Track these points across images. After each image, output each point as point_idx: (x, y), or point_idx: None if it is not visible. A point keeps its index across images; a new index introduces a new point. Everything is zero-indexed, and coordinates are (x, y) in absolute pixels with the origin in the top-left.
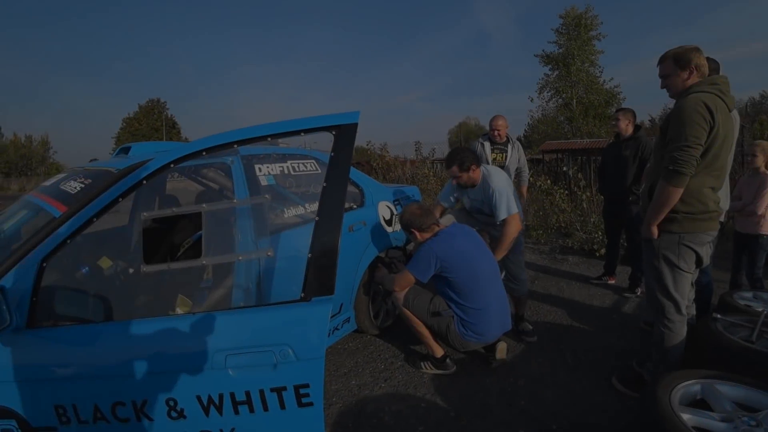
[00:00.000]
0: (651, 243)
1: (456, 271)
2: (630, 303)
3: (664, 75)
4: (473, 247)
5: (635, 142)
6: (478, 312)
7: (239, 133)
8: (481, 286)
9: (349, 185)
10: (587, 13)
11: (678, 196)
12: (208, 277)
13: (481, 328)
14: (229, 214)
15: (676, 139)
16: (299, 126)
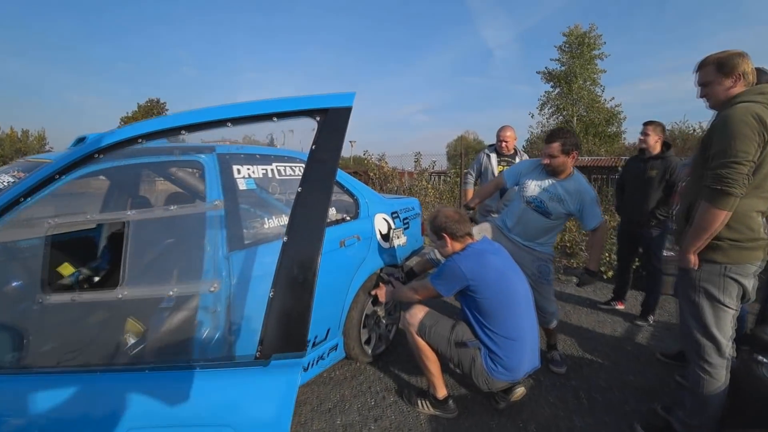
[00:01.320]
0: (689, 274)
1: (487, 291)
2: (643, 332)
3: (705, 83)
4: (507, 267)
5: (664, 162)
6: (512, 343)
7: (187, 116)
8: (516, 312)
9: (342, 194)
10: (591, 32)
11: (723, 221)
12: (171, 294)
13: (513, 363)
14: (164, 226)
15: (722, 154)
16: (270, 108)
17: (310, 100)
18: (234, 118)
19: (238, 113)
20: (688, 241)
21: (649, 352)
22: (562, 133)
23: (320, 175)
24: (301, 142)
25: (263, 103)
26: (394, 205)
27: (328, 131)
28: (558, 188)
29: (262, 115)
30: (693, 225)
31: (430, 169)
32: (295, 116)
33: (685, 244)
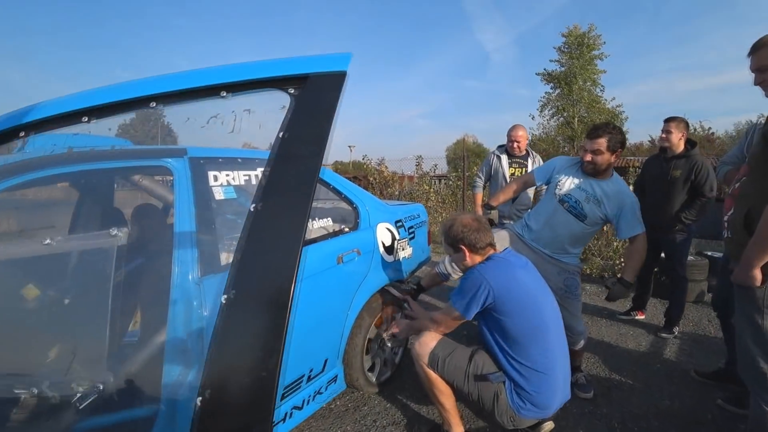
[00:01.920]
0: (752, 293)
1: (515, 311)
2: (670, 346)
3: (763, 67)
4: (536, 285)
5: (688, 161)
6: (542, 377)
7: (93, 95)
8: (547, 338)
9: (340, 202)
10: (590, 33)
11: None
12: (135, 327)
13: (544, 399)
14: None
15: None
16: (218, 78)
17: (282, 64)
18: (161, 96)
19: (167, 87)
20: (752, 253)
21: (681, 370)
22: (608, 128)
23: (294, 183)
24: (262, 128)
25: (209, 72)
26: (398, 212)
27: (309, 110)
28: (596, 188)
29: (205, 88)
30: (758, 234)
31: (431, 172)
32: (258, 89)
33: (747, 258)
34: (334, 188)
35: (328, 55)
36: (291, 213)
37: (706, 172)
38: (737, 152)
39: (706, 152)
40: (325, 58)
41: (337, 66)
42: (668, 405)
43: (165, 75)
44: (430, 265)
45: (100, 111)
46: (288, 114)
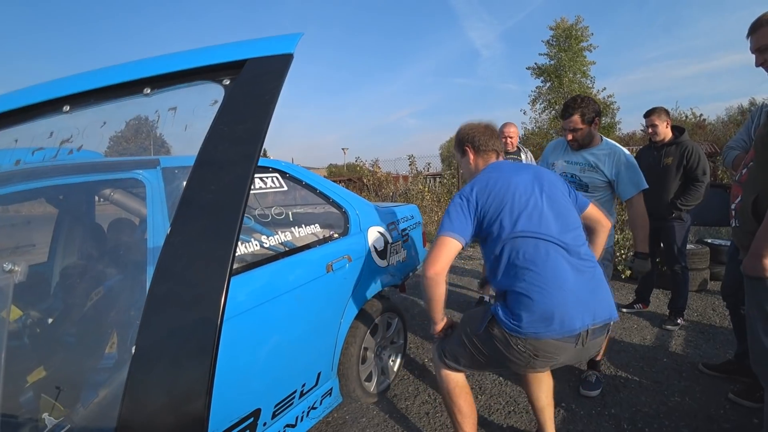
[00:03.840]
0: (761, 283)
1: (500, 209)
2: (675, 339)
3: (763, 47)
4: (532, 177)
5: (678, 147)
6: (535, 274)
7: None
8: (544, 230)
9: (328, 206)
10: (577, 25)
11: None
12: (112, 350)
13: (543, 300)
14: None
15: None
16: (139, 72)
17: (215, 51)
18: (76, 96)
19: (83, 86)
20: (761, 243)
21: (689, 363)
22: (578, 103)
23: (218, 197)
24: (188, 129)
25: (129, 67)
26: (390, 214)
27: (242, 103)
28: (589, 157)
29: (125, 84)
30: (766, 221)
31: (425, 171)
32: (187, 82)
33: (757, 247)
34: (322, 192)
35: (270, 37)
36: (214, 238)
37: (698, 157)
38: (744, 135)
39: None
40: (267, 40)
41: (281, 48)
42: (678, 402)
43: (77, 74)
44: None
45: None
46: (218, 110)
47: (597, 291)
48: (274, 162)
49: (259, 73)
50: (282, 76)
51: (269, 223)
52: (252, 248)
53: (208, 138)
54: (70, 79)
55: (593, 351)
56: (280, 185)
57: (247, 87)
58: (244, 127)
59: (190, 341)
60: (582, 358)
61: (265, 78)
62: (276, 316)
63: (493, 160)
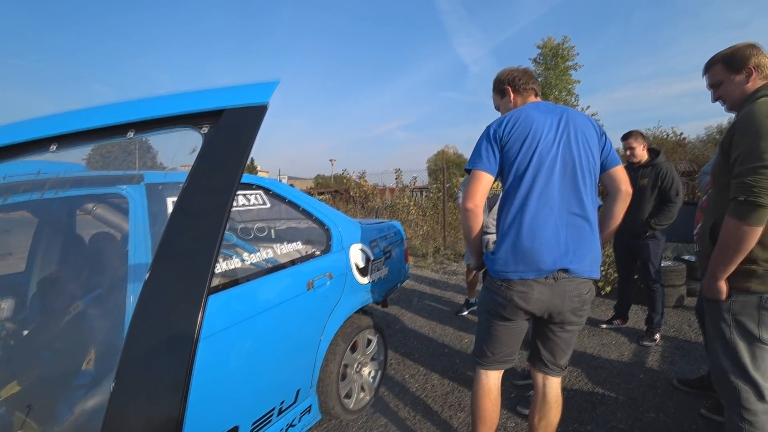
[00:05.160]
0: (719, 306)
1: (516, 145)
2: (652, 354)
3: (715, 83)
4: (569, 128)
5: (654, 169)
6: (516, 217)
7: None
8: (539, 178)
9: (311, 223)
10: (564, 44)
11: (754, 239)
12: (89, 366)
13: (521, 234)
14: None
15: (747, 158)
16: (123, 116)
17: (195, 98)
18: (64, 136)
19: (71, 126)
20: (714, 266)
21: (665, 379)
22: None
23: (191, 246)
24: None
25: (113, 108)
26: (373, 231)
27: (220, 153)
28: None
29: (108, 128)
30: (718, 245)
31: (411, 185)
32: (167, 127)
33: (711, 271)
34: (305, 210)
35: (248, 85)
36: (188, 281)
37: (672, 178)
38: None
39: (679, 157)
40: (245, 89)
41: (257, 98)
42: (653, 418)
43: (65, 113)
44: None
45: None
46: (196, 159)
47: (579, 247)
48: (258, 179)
49: (235, 123)
50: (256, 128)
51: (252, 240)
52: (233, 265)
53: (186, 188)
54: (57, 117)
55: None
56: (263, 202)
57: (224, 137)
58: (220, 177)
59: (164, 378)
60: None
61: (241, 129)
62: (255, 334)
63: (531, 100)
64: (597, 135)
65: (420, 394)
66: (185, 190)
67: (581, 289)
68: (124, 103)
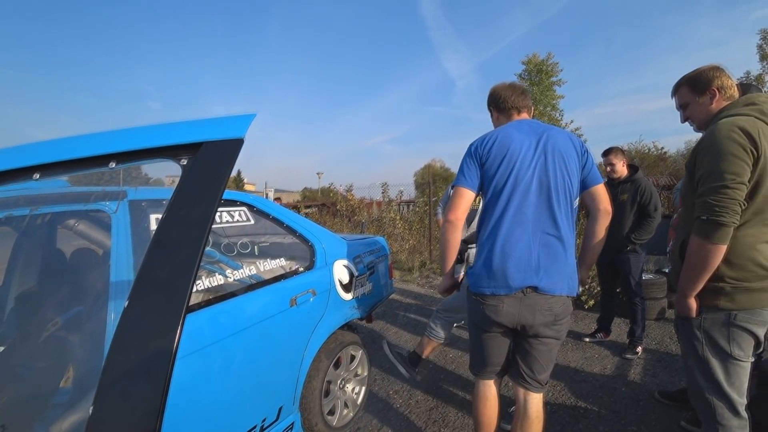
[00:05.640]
0: (688, 322)
1: (494, 164)
2: (634, 367)
3: (682, 105)
4: (548, 148)
5: (633, 185)
6: (491, 234)
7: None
8: (514, 197)
9: (295, 239)
10: (548, 60)
11: (719, 257)
12: (67, 384)
13: (494, 253)
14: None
15: (709, 178)
16: (105, 147)
17: (175, 130)
18: (47, 165)
19: (54, 156)
20: (683, 284)
21: (647, 392)
22: None
23: (167, 279)
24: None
25: (95, 138)
26: (357, 247)
27: (197, 186)
28: None
29: (89, 159)
30: (685, 264)
31: (398, 199)
32: (148, 158)
33: (680, 288)
34: (288, 226)
35: (225, 118)
36: (164, 312)
37: (650, 194)
38: None
39: (660, 171)
40: (223, 121)
41: (234, 132)
42: (635, 431)
43: (49, 141)
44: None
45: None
46: (174, 192)
47: (551, 265)
48: (242, 195)
49: (213, 156)
50: (232, 161)
51: (235, 256)
52: (216, 281)
53: (164, 220)
54: (41, 145)
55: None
56: (247, 219)
57: (202, 169)
58: (196, 210)
59: (141, 403)
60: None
61: (218, 162)
62: (237, 351)
63: (515, 118)
64: (577, 154)
65: (404, 410)
66: (163, 222)
67: (552, 304)
68: (106, 133)
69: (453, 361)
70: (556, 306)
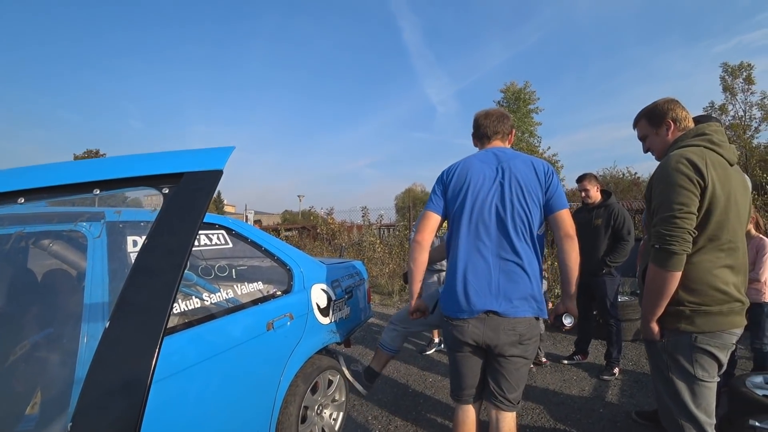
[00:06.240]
0: (654, 345)
1: (455, 193)
2: (612, 388)
3: (642, 137)
4: (506, 178)
5: (607, 210)
6: (453, 261)
7: None
8: (472, 225)
9: (273, 263)
10: (526, 89)
11: (674, 283)
12: (33, 411)
13: (453, 286)
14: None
15: (661, 208)
16: (87, 175)
17: (157, 160)
18: (32, 191)
19: (39, 182)
20: (645, 308)
21: (624, 412)
22: None
23: (145, 303)
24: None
25: (77, 165)
26: (335, 271)
27: (177, 214)
28: None
29: (73, 186)
30: (645, 290)
31: (378, 223)
32: (130, 186)
33: (643, 313)
34: (267, 250)
35: (206, 150)
36: (143, 334)
37: (623, 218)
38: None
39: (634, 195)
40: (203, 154)
41: (214, 164)
42: None
43: (35, 167)
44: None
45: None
46: (156, 220)
47: (511, 290)
48: (220, 218)
49: (193, 186)
50: (211, 193)
51: (212, 279)
52: (192, 304)
53: (145, 247)
54: (27, 170)
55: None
56: (225, 242)
57: (183, 199)
58: (176, 238)
59: (118, 422)
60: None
61: (198, 192)
62: (212, 375)
63: (487, 145)
64: (539, 181)
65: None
66: (144, 249)
67: (515, 324)
68: (92, 161)
69: (432, 385)
70: (520, 326)
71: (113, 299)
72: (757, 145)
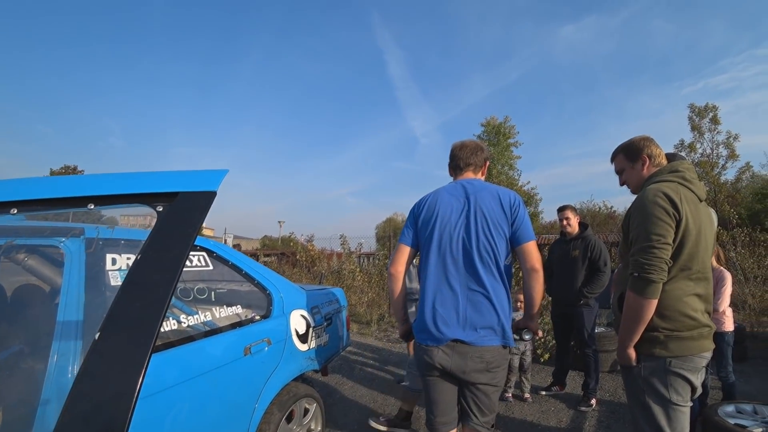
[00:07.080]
0: (630, 371)
1: (424, 225)
2: (589, 419)
3: (618, 171)
4: (471, 210)
5: (583, 241)
6: (423, 291)
7: None
8: (440, 257)
9: (252, 287)
10: (505, 123)
11: (651, 310)
12: None
13: (423, 315)
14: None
15: (638, 239)
16: (82, 189)
17: (152, 179)
18: (25, 202)
19: (32, 194)
20: (621, 335)
21: None
22: None
23: (138, 316)
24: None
25: (72, 180)
26: (315, 298)
27: (171, 232)
28: None
29: (68, 199)
30: (623, 316)
31: (357, 251)
32: (125, 203)
33: (620, 339)
34: (247, 274)
35: (201, 172)
36: (133, 346)
37: (600, 249)
38: None
39: (610, 228)
40: (198, 175)
41: (207, 185)
42: None
43: (30, 179)
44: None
45: None
46: (149, 236)
47: (477, 320)
48: (202, 240)
49: (188, 206)
50: (204, 213)
51: (191, 301)
52: (168, 326)
53: (138, 261)
54: (22, 182)
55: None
56: (205, 264)
57: (177, 217)
58: (169, 255)
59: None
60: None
61: (192, 212)
62: (186, 399)
63: (460, 176)
64: (504, 211)
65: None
66: (138, 263)
67: (482, 353)
68: (88, 176)
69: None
70: (487, 354)
71: (88, 316)
72: (725, 182)
